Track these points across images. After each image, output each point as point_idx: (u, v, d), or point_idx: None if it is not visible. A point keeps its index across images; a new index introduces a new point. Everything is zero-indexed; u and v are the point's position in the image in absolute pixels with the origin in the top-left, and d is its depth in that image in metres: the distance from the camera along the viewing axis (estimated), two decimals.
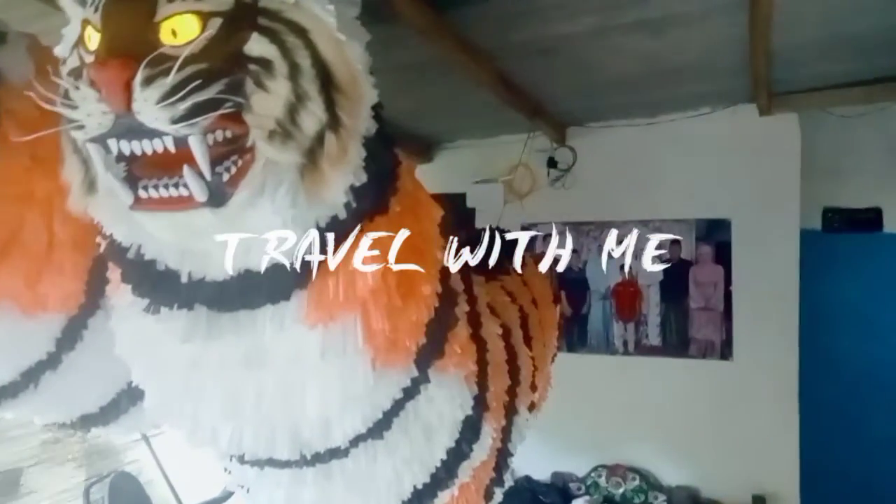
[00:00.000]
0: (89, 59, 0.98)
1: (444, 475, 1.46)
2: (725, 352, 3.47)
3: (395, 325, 1.21)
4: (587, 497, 3.49)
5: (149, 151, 0.96)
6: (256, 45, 0.98)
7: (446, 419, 1.41)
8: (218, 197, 0.99)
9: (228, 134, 0.98)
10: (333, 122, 1.04)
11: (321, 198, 1.08)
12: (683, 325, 3.57)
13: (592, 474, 3.61)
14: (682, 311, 3.58)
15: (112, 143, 0.95)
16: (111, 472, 3.04)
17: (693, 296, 3.56)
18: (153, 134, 0.93)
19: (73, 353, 1.54)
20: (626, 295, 3.72)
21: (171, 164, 0.97)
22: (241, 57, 0.97)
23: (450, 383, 1.38)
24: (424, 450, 1.40)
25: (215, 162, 0.98)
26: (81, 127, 0.94)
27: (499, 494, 1.78)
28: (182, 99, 0.89)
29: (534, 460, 3.80)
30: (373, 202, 1.12)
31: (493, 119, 3.56)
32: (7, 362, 1.50)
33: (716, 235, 3.53)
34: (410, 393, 1.30)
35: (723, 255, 3.50)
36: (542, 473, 3.76)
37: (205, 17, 0.97)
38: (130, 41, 0.94)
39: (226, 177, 0.99)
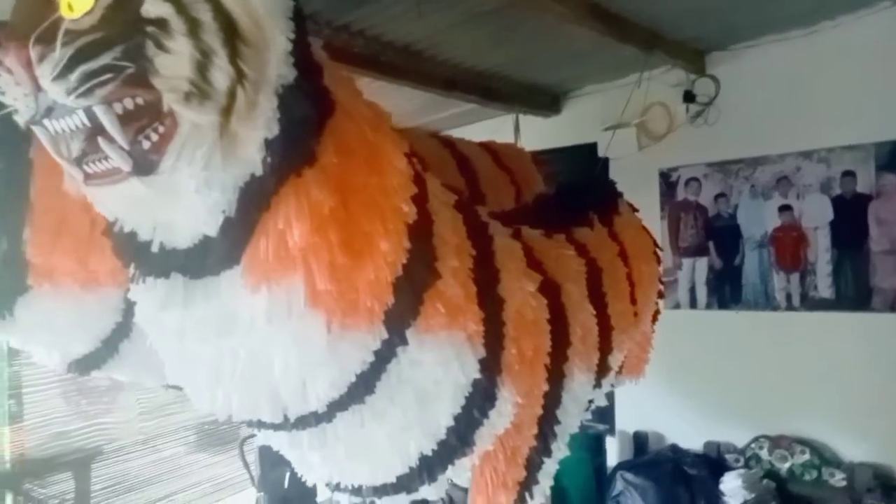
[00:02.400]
0: None
1: (455, 442, 1.38)
2: None
3: (350, 284, 1.15)
4: (744, 470, 3.08)
5: (69, 128, 1.00)
6: (151, 7, 0.96)
7: (445, 384, 1.32)
8: (144, 165, 1.01)
9: (140, 101, 0.98)
10: (240, 75, 1.00)
11: (237, 156, 1.04)
12: (863, 273, 2.95)
13: (753, 445, 3.18)
14: (861, 255, 2.95)
15: (47, 123, 1.01)
16: None
17: (875, 237, 2.91)
18: (68, 110, 0.97)
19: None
20: (788, 241, 3.17)
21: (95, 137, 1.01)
22: (139, 21, 0.96)
23: (440, 345, 1.28)
24: (423, 416, 1.33)
25: (134, 131, 0.99)
26: (17, 111, 1.01)
27: (550, 465, 1.63)
28: (69, 69, 0.91)
29: (683, 427, 3.47)
30: (292, 155, 1.06)
31: (614, 58, 3.22)
32: (82, 333, 1.71)
33: None
34: (385, 356, 1.23)
35: None
36: (692, 442, 3.40)
37: None
38: (28, 21, 0.97)
39: (147, 144, 1.00)
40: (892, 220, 2.87)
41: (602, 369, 1.83)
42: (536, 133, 3.92)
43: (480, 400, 1.37)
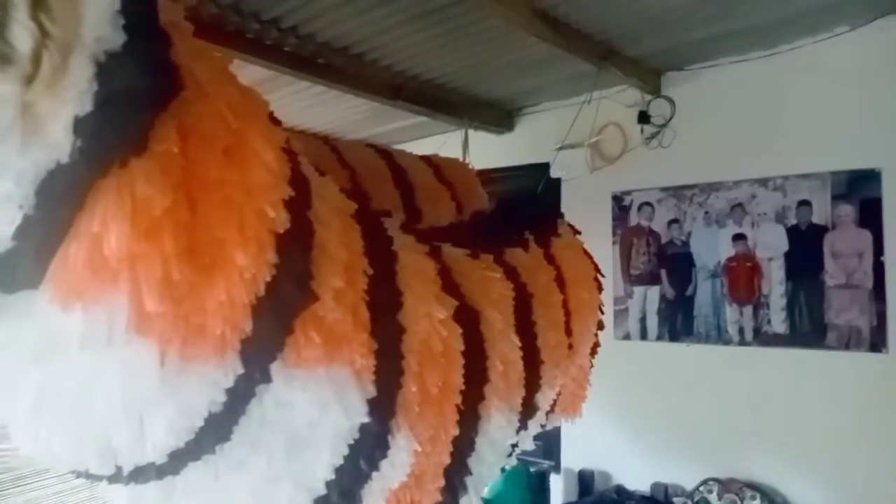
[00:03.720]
0: None
1: (337, 499, 1.14)
2: (877, 341, 2.67)
3: (195, 305, 0.92)
4: None
5: None
6: None
7: (322, 429, 1.09)
8: None
9: None
10: (44, 33, 0.78)
11: (38, 137, 0.81)
12: (818, 308, 2.81)
13: (702, 488, 3.00)
14: (816, 289, 2.82)
15: None
16: None
17: (830, 270, 2.79)
18: None
19: None
20: (742, 271, 3.03)
21: None
22: None
23: (315, 383, 1.06)
24: (295, 467, 1.10)
25: None
26: None
27: None
28: None
29: (630, 467, 3.28)
30: (111, 139, 0.83)
31: (567, 73, 3.08)
32: None
33: (860, 191, 2.73)
34: (241, 395, 1.00)
35: (870, 217, 2.70)
36: (639, 483, 3.21)
37: None
38: None
39: None
40: (847, 252, 2.75)
41: (528, 409, 1.62)
42: (487, 150, 3.74)
43: (369, 448, 1.15)
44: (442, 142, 3.60)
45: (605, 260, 3.38)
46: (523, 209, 2.09)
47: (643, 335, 3.34)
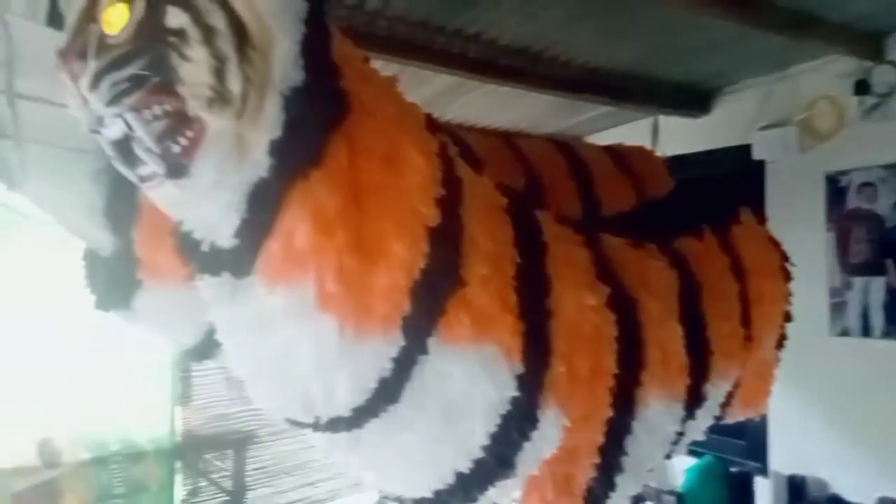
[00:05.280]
0: None
1: (492, 463, 1.29)
2: None
3: (364, 288, 1.13)
4: None
5: (115, 136, 1.09)
6: (172, 18, 1.02)
7: (475, 399, 1.24)
8: (176, 168, 1.07)
9: (168, 107, 1.04)
10: (247, 78, 1.03)
11: (247, 159, 1.07)
12: None
13: None
14: None
15: (102, 132, 1.11)
16: None
17: None
18: (112, 119, 1.06)
19: None
20: None
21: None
22: (162, 32, 1.02)
23: (466, 358, 1.21)
24: (454, 430, 1.26)
25: (166, 136, 1.06)
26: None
27: (618, 500, 1.46)
28: (99, 80, 1.00)
29: (851, 476, 2.95)
30: (296, 157, 1.06)
31: (765, 47, 2.84)
32: (188, 325, 1.86)
33: None
34: (405, 364, 1.18)
35: None
36: (861, 495, 2.87)
37: (130, 2, 1.06)
38: (77, 39, 1.08)
39: (177, 149, 1.06)
40: None
41: (693, 398, 1.61)
42: (681, 135, 3.59)
43: (519, 420, 1.27)
44: (630, 131, 3.55)
45: (816, 248, 3.08)
46: (700, 196, 2.03)
47: (865, 331, 2.97)
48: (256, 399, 1.35)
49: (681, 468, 3.32)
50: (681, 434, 1.66)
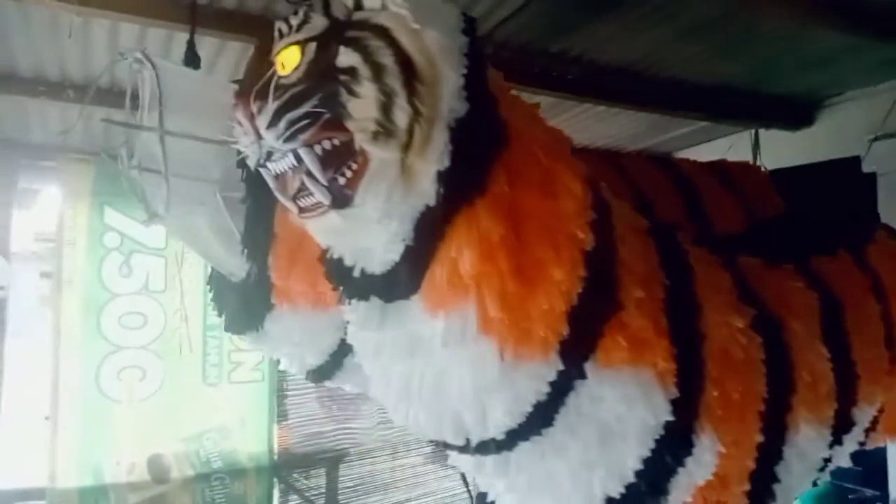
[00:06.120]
0: None
1: (644, 488, 1.27)
2: None
3: (523, 312, 1.14)
4: None
5: (282, 169, 1.16)
6: (344, 57, 1.09)
7: (630, 423, 1.23)
8: (340, 199, 1.13)
9: (336, 142, 1.10)
10: (416, 112, 1.07)
11: (413, 188, 1.11)
12: None
13: None
14: None
15: (269, 165, 1.18)
16: None
17: None
18: (282, 154, 1.13)
19: None
20: None
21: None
22: (334, 70, 1.09)
23: (623, 381, 1.20)
24: (607, 455, 1.25)
25: (333, 168, 1.12)
26: (247, 157, 1.21)
27: None
28: (278, 118, 1.07)
29: None
30: (462, 186, 1.09)
31: (878, 56, 2.74)
32: (314, 347, 1.94)
33: None
34: (562, 388, 1.19)
35: None
36: None
37: (302, 45, 1.13)
38: (253, 80, 1.16)
39: (342, 180, 1.12)
40: None
41: (841, 424, 1.54)
42: (783, 149, 3.48)
43: (674, 445, 1.25)
44: (728, 145, 3.47)
45: None
46: (827, 212, 1.96)
47: None
48: (399, 420, 1.38)
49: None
50: (828, 460, 1.59)
